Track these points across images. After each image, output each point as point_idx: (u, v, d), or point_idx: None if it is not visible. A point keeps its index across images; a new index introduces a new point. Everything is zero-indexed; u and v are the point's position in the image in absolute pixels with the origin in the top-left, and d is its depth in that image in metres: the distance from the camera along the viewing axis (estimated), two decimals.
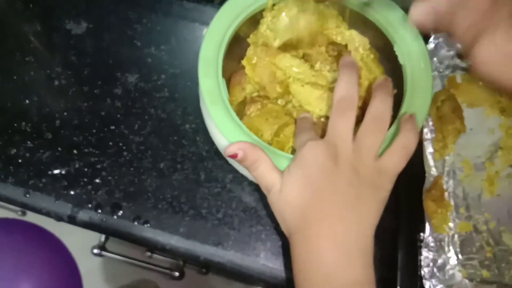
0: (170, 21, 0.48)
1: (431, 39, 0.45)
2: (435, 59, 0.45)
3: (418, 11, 0.30)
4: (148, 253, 0.75)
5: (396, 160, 0.31)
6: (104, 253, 0.67)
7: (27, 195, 0.40)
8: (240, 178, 0.41)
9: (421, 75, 0.36)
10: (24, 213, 0.95)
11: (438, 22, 0.29)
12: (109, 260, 0.69)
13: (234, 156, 0.31)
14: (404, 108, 0.35)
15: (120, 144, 0.42)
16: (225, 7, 0.38)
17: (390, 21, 0.38)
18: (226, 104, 0.34)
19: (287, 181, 0.31)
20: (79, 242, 0.81)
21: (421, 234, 0.38)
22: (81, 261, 0.94)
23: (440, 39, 0.46)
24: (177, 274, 0.66)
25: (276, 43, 0.37)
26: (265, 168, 0.31)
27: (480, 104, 0.44)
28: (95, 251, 0.66)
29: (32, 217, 0.92)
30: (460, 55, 0.46)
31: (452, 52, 0.46)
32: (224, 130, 0.33)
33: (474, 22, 0.27)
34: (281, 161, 0.33)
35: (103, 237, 0.67)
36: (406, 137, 0.31)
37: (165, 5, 0.49)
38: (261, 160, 0.31)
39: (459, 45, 0.45)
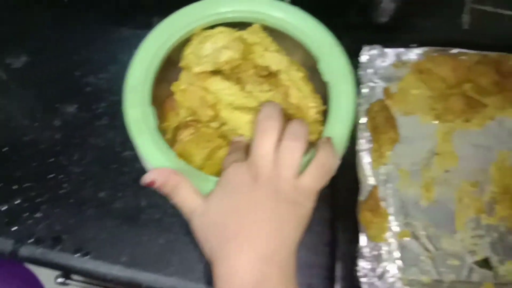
0: (109, 48, 0.48)
1: (364, 51, 0.46)
2: (370, 70, 0.46)
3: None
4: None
5: (313, 178, 0.32)
6: (68, 281, 0.66)
7: None
8: None
9: (343, 91, 0.37)
10: None
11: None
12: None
13: (151, 184, 0.31)
14: (329, 123, 0.36)
15: (60, 176, 0.42)
16: (152, 34, 0.39)
17: (315, 40, 0.39)
18: (153, 132, 0.35)
19: (209, 202, 0.31)
20: (45, 271, 0.81)
21: (359, 244, 0.39)
22: None
23: (374, 51, 0.47)
24: None
25: (196, 70, 0.38)
26: (186, 193, 0.32)
27: (414, 112, 0.45)
28: (59, 280, 0.66)
29: None
30: (396, 65, 0.47)
31: (386, 63, 0.47)
32: (151, 159, 0.34)
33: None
34: (211, 185, 0.33)
35: None
36: (324, 156, 0.32)
37: (103, 33, 0.49)
38: (181, 185, 0.32)
39: (392, 55, 0.47)
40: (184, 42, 0.41)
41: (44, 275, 0.83)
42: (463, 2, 0.52)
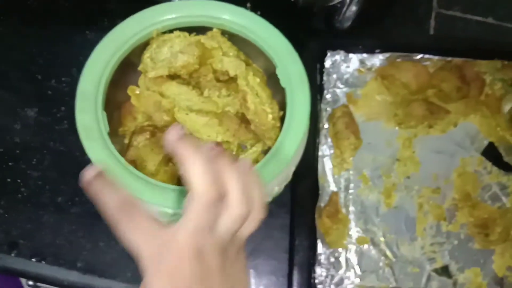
0: (72, 52, 0.47)
1: (328, 56, 0.46)
2: (334, 76, 0.46)
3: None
4: None
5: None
6: (39, 284, 0.65)
7: None
8: None
9: (299, 98, 0.36)
10: None
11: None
12: None
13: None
14: (284, 128, 0.35)
15: (18, 180, 0.42)
16: (107, 37, 0.38)
17: (273, 46, 0.38)
18: (104, 138, 0.34)
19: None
20: None
21: (314, 251, 0.39)
22: None
23: (337, 56, 0.47)
24: None
25: (152, 74, 0.38)
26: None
27: (377, 118, 0.45)
28: (30, 282, 0.65)
29: None
30: (360, 70, 0.47)
31: (351, 68, 0.47)
32: (102, 165, 0.33)
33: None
34: (164, 193, 0.33)
35: None
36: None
37: (67, 37, 0.48)
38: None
39: (356, 60, 0.47)
40: (145, 46, 0.40)
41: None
42: (430, 7, 0.51)
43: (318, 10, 0.44)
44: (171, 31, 0.40)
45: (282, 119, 0.39)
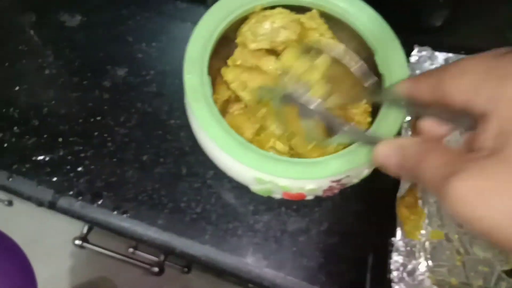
0: (163, 19, 0.49)
1: (415, 51, 0.47)
2: (418, 71, 0.47)
3: (382, 151, 0.26)
4: (131, 249, 0.75)
5: None
6: (85, 244, 0.67)
7: (10, 179, 0.41)
8: (220, 175, 0.41)
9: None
10: (10, 204, 0.95)
11: (403, 165, 0.25)
12: (90, 252, 0.69)
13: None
14: (381, 114, 0.36)
15: (105, 135, 0.43)
16: (214, 7, 0.39)
17: (374, 32, 0.39)
18: (209, 101, 0.35)
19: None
20: (62, 232, 0.82)
21: (392, 238, 0.39)
22: (62, 252, 0.95)
23: (424, 53, 0.47)
24: (156, 269, 0.66)
25: (253, 46, 0.39)
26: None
27: None
28: (77, 242, 0.67)
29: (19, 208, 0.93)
30: None
31: (434, 66, 0.47)
32: (206, 126, 0.34)
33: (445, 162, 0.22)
34: (262, 160, 0.34)
35: (85, 229, 0.68)
36: None
37: (158, 4, 0.50)
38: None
39: (441, 59, 0.47)
40: (241, 21, 0.41)
41: (58, 237, 0.84)
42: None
43: (422, 5, 0.45)
44: (271, 8, 0.41)
45: (372, 105, 0.40)
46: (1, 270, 0.58)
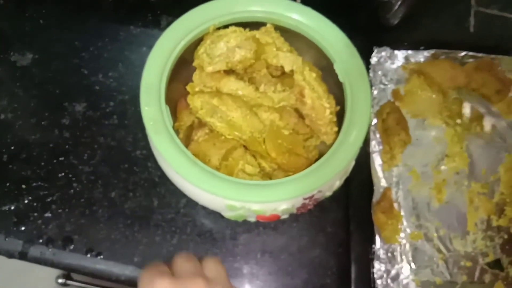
0: (118, 47, 0.48)
1: (374, 53, 0.47)
2: (379, 72, 0.47)
3: None
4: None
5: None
6: (69, 282, 0.65)
7: None
8: (193, 203, 0.40)
9: (360, 92, 0.37)
10: None
11: None
12: None
13: None
14: (345, 122, 0.36)
15: (70, 175, 0.41)
16: (167, 32, 0.38)
17: (330, 41, 0.39)
18: (170, 132, 0.34)
19: None
20: (42, 270, 0.79)
21: (372, 246, 0.39)
22: None
23: (383, 53, 0.47)
24: None
25: (209, 69, 0.38)
26: None
27: (424, 115, 0.45)
28: (60, 280, 0.65)
29: None
30: (405, 67, 0.47)
31: (395, 65, 0.47)
32: (170, 159, 0.33)
33: None
34: (231, 187, 0.33)
35: None
36: None
37: (111, 32, 0.48)
38: None
39: (401, 57, 0.47)
40: (197, 42, 0.40)
41: (41, 275, 0.82)
42: (469, 6, 0.52)
43: (375, 5, 0.45)
44: (225, 27, 0.41)
45: (337, 114, 0.39)
46: None
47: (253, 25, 0.41)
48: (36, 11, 0.49)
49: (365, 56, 0.47)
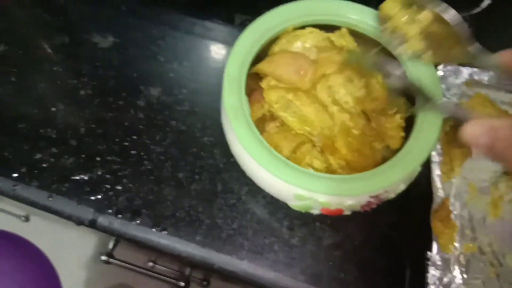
0: (192, 39, 0.50)
1: (440, 67, 0.48)
2: (443, 86, 0.48)
3: (472, 130, 0.25)
4: (150, 263, 0.76)
5: None
6: (111, 260, 0.68)
7: (50, 199, 0.42)
8: (255, 191, 0.42)
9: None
10: (27, 219, 0.96)
11: (494, 147, 0.25)
12: (116, 267, 0.70)
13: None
14: (416, 127, 0.37)
15: (142, 153, 0.44)
16: (249, 29, 0.40)
17: None
18: (248, 120, 0.36)
19: None
20: (89, 248, 0.83)
21: (428, 252, 0.40)
22: (88, 267, 0.95)
23: (449, 67, 0.48)
24: (182, 284, 0.67)
25: None
26: None
27: None
28: (103, 257, 0.68)
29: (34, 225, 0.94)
30: (468, 83, 0.48)
31: (459, 80, 0.48)
32: (247, 145, 0.35)
33: None
34: (303, 177, 0.35)
35: (111, 245, 0.69)
36: None
37: (187, 24, 0.51)
38: None
39: (466, 74, 0.48)
40: (273, 40, 0.42)
41: (85, 252, 0.85)
42: None
43: None
44: (301, 28, 0.42)
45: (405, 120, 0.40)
46: (28, 276, 0.59)
47: (329, 28, 0.43)
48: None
49: None
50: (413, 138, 0.37)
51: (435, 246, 0.40)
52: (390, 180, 0.35)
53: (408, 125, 0.39)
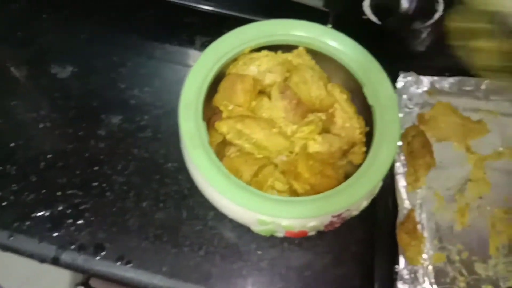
0: (153, 64, 0.50)
1: (400, 77, 0.48)
2: (404, 96, 0.48)
3: None
4: None
5: None
6: None
7: (11, 238, 0.41)
8: (221, 215, 0.41)
9: (389, 114, 0.38)
10: None
11: None
12: None
13: None
14: (374, 144, 0.37)
15: (104, 184, 0.43)
16: (206, 52, 0.40)
17: (360, 64, 0.40)
18: (206, 147, 0.36)
19: None
20: (64, 277, 0.81)
21: (396, 266, 0.40)
22: None
23: (409, 78, 0.48)
24: None
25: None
26: None
27: (447, 139, 0.46)
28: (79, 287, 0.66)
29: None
30: (429, 92, 0.49)
31: (420, 90, 0.49)
32: (206, 173, 0.35)
33: None
34: (264, 202, 0.34)
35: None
36: None
37: (148, 49, 0.51)
38: None
39: (427, 83, 0.48)
40: (231, 61, 0.42)
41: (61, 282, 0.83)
42: None
43: (404, 33, 0.46)
44: (258, 49, 0.42)
45: (365, 135, 0.41)
46: None
47: (286, 47, 0.43)
48: (77, 26, 0.51)
49: (392, 81, 0.48)
50: (372, 154, 0.37)
51: (402, 260, 0.40)
52: (352, 199, 0.35)
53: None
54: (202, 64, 0.39)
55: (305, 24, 0.43)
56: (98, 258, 0.40)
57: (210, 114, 0.42)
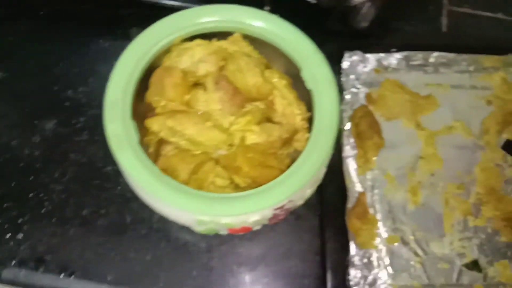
0: (87, 61, 0.47)
1: (345, 57, 0.47)
2: (352, 76, 0.47)
3: None
4: None
5: None
6: None
7: None
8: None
9: (327, 98, 0.36)
10: None
11: None
12: None
13: None
14: (314, 130, 0.35)
15: (41, 194, 0.41)
16: (131, 46, 0.38)
17: (296, 48, 0.38)
18: (135, 148, 0.34)
19: None
20: None
21: (349, 253, 0.39)
22: None
23: (355, 57, 0.47)
24: None
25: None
26: None
27: (397, 117, 0.45)
28: None
29: None
30: (377, 70, 0.47)
31: (368, 68, 0.47)
32: (135, 175, 0.33)
33: None
34: (199, 201, 0.32)
35: None
36: None
37: (81, 46, 0.48)
38: None
39: (373, 60, 0.47)
40: (165, 52, 0.40)
41: None
42: (441, 5, 0.52)
43: (340, 10, 0.44)
44: (191, 38, 0.40)
45: (309, 121, 0.39)
46: None
47: (221, 34, 0.41)
48: (3, 29, 0.48)
49: (338, 61, 0.47)
50: (313, 140, 0.35)
51: (352, 246, 0.39)
52: (291, 189, 0.33)
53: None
54: (127, 59, 0.37)
55: (239, 9, 0.40)
56: (40, 272, 0.38)
57: (146, 111, 0.40)
